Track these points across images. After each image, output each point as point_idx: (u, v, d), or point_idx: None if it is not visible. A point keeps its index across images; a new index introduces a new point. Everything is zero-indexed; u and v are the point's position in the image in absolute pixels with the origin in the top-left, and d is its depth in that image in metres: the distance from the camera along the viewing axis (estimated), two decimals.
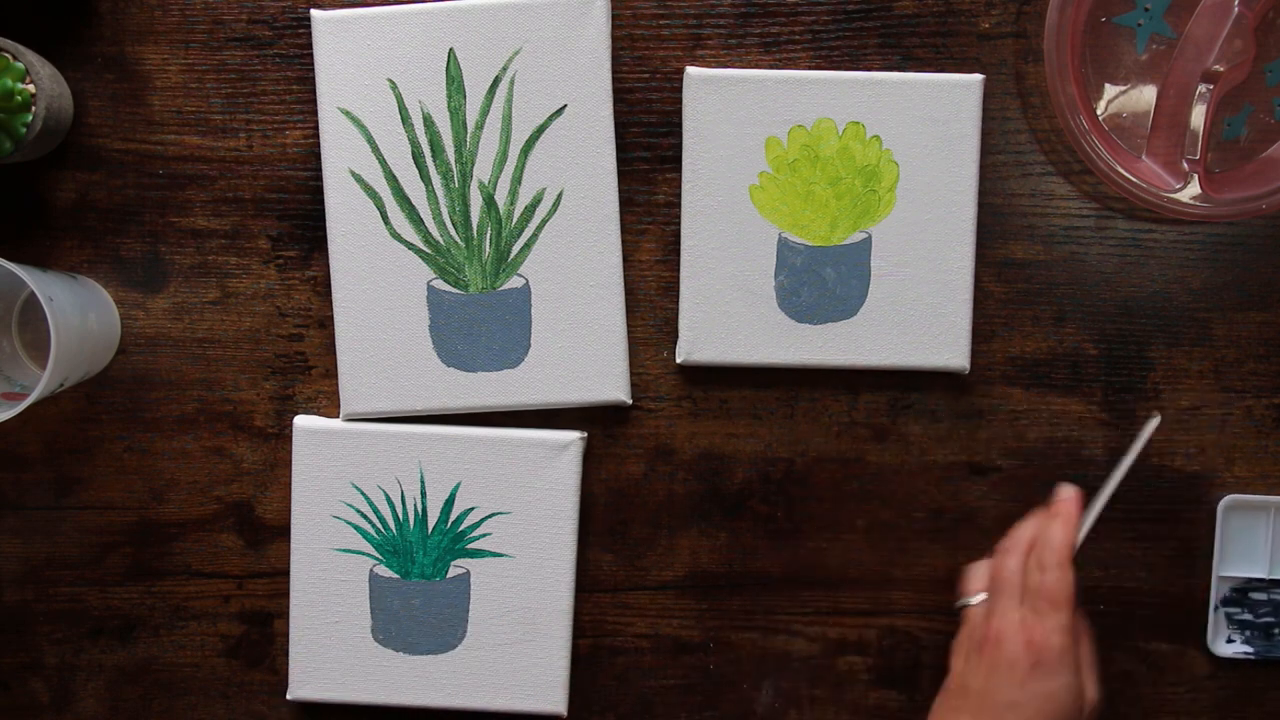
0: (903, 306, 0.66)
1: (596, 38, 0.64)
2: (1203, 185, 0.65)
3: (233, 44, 0.66)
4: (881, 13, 0.66)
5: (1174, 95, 0.65)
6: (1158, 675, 0.69)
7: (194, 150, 0.67)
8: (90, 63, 0.66)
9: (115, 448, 0.69)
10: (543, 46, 0.64)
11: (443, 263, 0.66)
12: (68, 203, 0.67)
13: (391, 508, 0.67)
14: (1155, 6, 0.65)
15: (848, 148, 0.65)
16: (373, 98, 0.65)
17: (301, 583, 0.68)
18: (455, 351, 0.66)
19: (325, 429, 0.67)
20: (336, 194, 0.65)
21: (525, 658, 0.67)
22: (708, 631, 0.69)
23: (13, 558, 0.69)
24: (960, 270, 0.66)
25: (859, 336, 0.66)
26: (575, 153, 0.65)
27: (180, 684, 0.70)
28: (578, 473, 0.67)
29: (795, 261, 0.66)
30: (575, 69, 0.65)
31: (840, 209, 0.66)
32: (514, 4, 0.64)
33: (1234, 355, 0.68)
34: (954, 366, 0.67)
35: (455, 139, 0.65)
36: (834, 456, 0.68)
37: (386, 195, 0.65)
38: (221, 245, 0.68)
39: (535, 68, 0.65)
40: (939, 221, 0.66)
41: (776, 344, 0.66)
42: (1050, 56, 0.63)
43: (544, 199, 0.65)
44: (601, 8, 0.64)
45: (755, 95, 0.65)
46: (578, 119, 0.65)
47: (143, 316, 0.68)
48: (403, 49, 0.64)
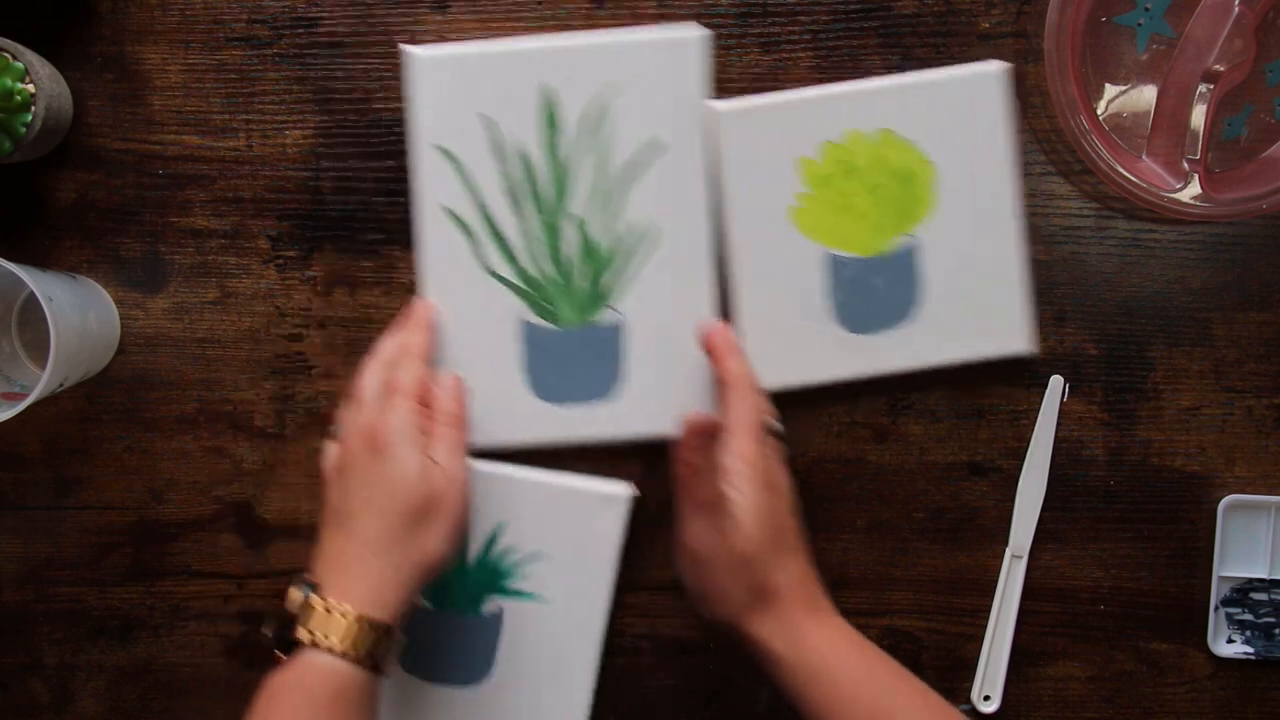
0: (957, 302, 0.66)
1: (693, 77, 0.64)
2: (1203, 185, 0.64)
3: (233, 44, 0.66)
4: (881, 13, 0.66)
5: (1174, 95, 0.65)
6: (1158, 675, 0.69)
7: (194, 150, 0.67)
8: (90, 63, 0.66)
9: (115, 448, 0.69)
10: (641, 85, 0.64)
11: (536, 297, 0.66)
12: (68, 203, 0.67)
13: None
14: (1155, 6, 0.65)
15: (881, 155, 0.65)
16: (468, 134, 0.65)
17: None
18: (547, 385, 0.66)
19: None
20: (430, 229, 0.65)
21: (547, 700, 0.67)
22: (708, 631, 0.69)
23: (13, 558, 0.69)
24: (1009, 256, 0.66)
25: (918, 339, 0.66)
26: (670, 190, 0.65)
27: (180, 684, 0.70)
28: (622, 527, 0.66)
29: (845, 275, 0.66)
30: (672, 108, 0.65)
31: (882, 216, 0.65)
32: (613, 43, 0.64)
33: (1234, 355, 0.68)
34: (1018, 351, 0.66)
35: (551, 175, 0.65)
36: (834, 456, 0.68)
37: (481, 230, 0.65)
38: (221, 245, 0.68)
39: (633, 106, 0.65)
40: (982, 212, 0.65)
41: (838, 359, 0.66)
42: (1050, 56, 0.63)
43: (638, 235, 0.65)
44: (699, 48, 0.64)
45: (784, 119, 0.65)
46: (674, 157, 0.65)
47: (143, 316, 0.68)
48: (500, 86, 0.64)
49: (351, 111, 0.67)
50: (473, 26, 0.66)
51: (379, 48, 0.66)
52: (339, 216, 0.67)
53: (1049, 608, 0.69)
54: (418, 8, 0.66)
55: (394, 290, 0.68)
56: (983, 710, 0.69)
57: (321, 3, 0.66)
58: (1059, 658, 0.69)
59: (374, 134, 0.67)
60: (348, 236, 0.67)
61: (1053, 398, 0.68)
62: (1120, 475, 0.69)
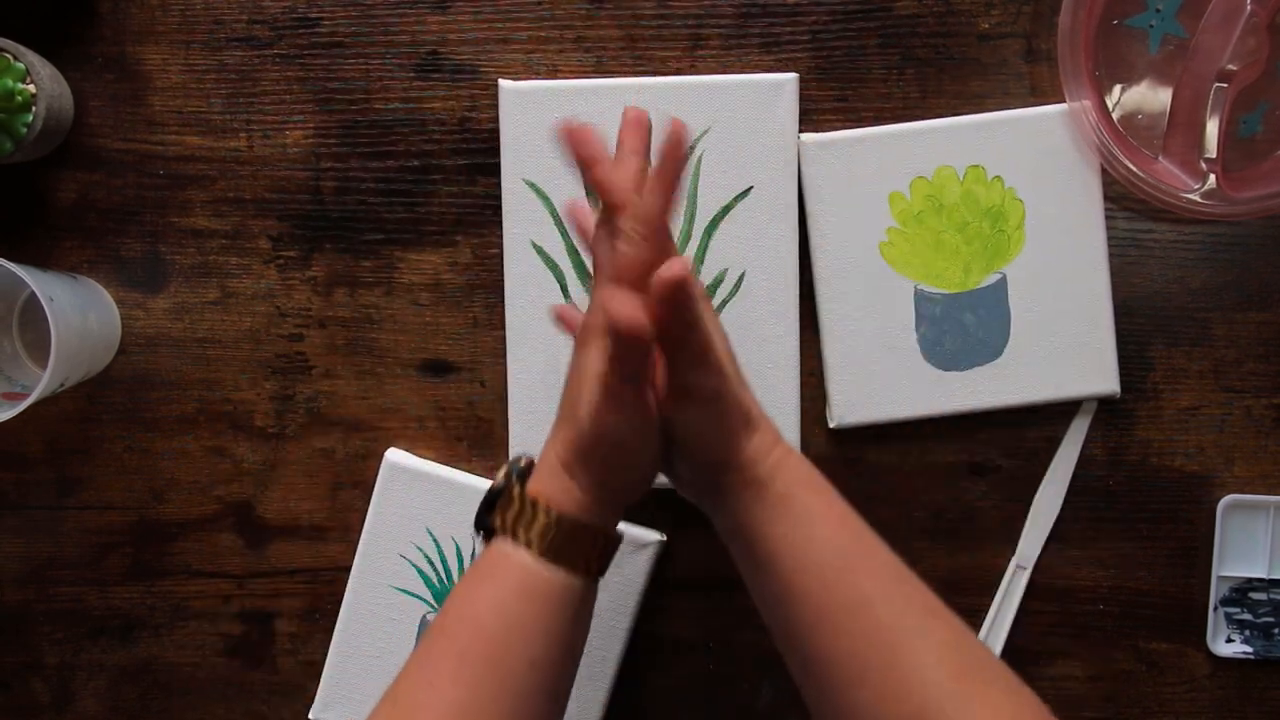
0: (1046, 340, 0.66)
1: (785, 119, 0.65)
2: (1221, 184, 0.64)
3: (233, 44, 0.66)
4: (881, 13, 0.66)
5: (1189, 95, 0.65)
6: (1158, 675, 0.70)
7: (194, 150, 0.67)
8: (90, 63, 0.66)
9: (115, 448, 0.69)
10: (732, 126, 0.65)
11: None
12: (68, 203, 0.67)
13: (460, 559, 0.67)
14: (1166, 7, 0.65)
15: (971, 192, 0.65)
16: (558, 170, 0.65)
17: (352, 611, 0.67)
18: None
19: (414, 469, 0.67)
20: (517, 264, 0.66)
21: None
22: (708, 631, 0.69)
23: (13, 558, 0.69)
24: (1099, 295, 0.66)
25: (1006, 377, 0.66)
26: (759, 233, 0.65)
27: (180, 684, 0.70)
28: (647, 572, 0.67)
29: (934, 311, 0.66)
30: (763, 150, 0.65)
31: (971, 253, 0.66)
32: (705, 84, 0.65)
33: (1234, 355, 0.68)
34: (1105, 392, 0.66)
35: None
36: (834, 456, 0.68)
37: (568, 268, 0.66)
38: (221, 245, 0.68)
39: (723, 147, 0.65)
40: (1071, 250, 0.65)
41: (926, 396, 0.66)
42: (1064, 62, 0.63)
43: (726, 279, 0.65)
44: (791, 91, 0.64)
45: (872, 153, 0.65)
46: (763, 200, 0.65)
47: (143, 316, 0.68)
48: (590, 122, 0.64)
49: (351, 111, 0.67)
50: (473, 26, 0.66)
51: (379, 48, 0.67)
52: (339, 216, 0.67)
53: (1048, 607, 0.69)
54: (418, 8, 0.66)
55: (394, 290, 0.68)
56: None
57: (321, 3, 0.66)
58: (1059, 657, 0.69)
59: (374, 134, 0.67)
60: (348, 236, 0.67)
61: (1081, 422, 0.68)
62: (1120, 475, 0.69)
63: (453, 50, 0.67)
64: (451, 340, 0.68)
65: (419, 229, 0.68)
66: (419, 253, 0.68)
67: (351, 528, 0.68)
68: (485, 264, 0.68)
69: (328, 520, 0.69)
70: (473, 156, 0.67)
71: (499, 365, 0.68)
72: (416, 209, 0.67)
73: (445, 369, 0.68)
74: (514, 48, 0.67)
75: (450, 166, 0.67)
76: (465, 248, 0.68)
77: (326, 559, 0.69)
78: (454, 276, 0.68)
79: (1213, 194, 0.64)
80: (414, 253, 0.68)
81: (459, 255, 0.68)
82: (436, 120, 0.67)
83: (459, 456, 0.68)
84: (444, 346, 0.68)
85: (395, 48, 0.67)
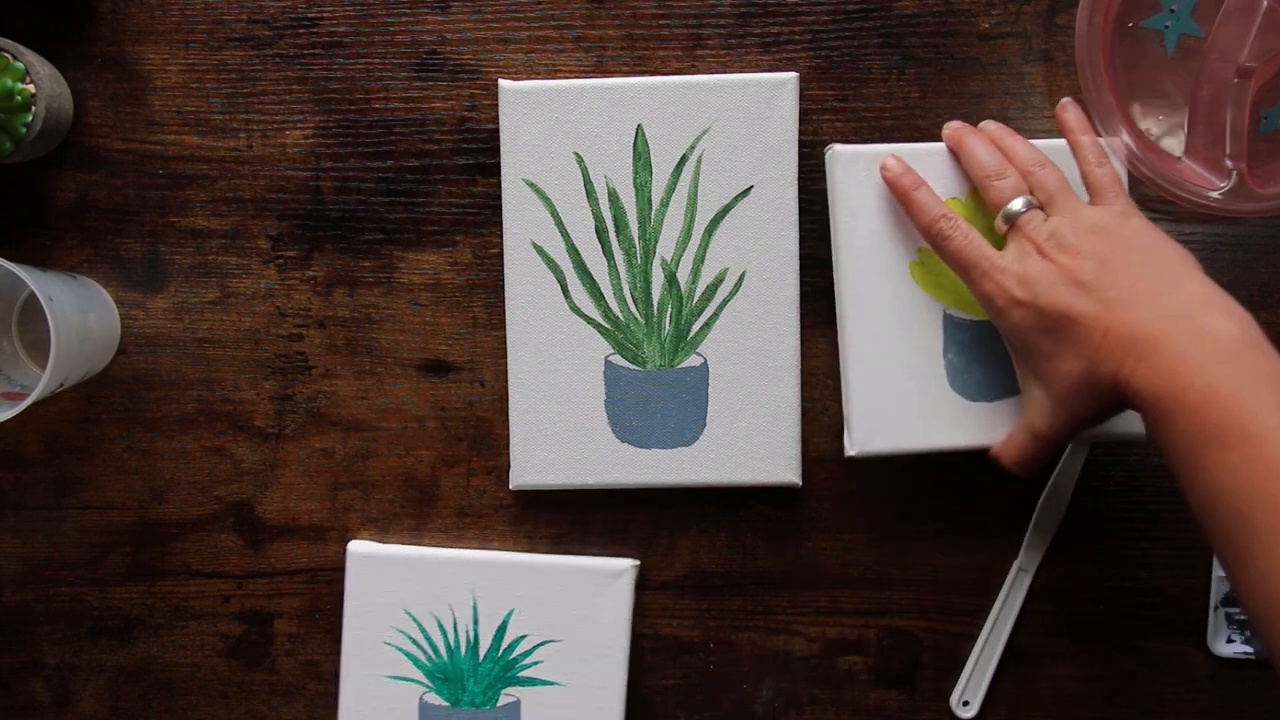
0: None
1: (785, 120, 0.64)
2: (1246, 181, 0.64)
3: (233, 44, 0.66)
4: (881, 13, 0.66)
5: (1208, 94, 0.64)
6: (1158, 675, 0.69)
7: (194, 150, 0.67)
8: (90, 63, 0.67)
9: (115, 448, 0.69)
10: (732, 126, 0.64)
11: (621, 338, 0.66)
12: (68, 203, 0.67)
13: (444, 635, 0.66)
14: (1181, 7, 0.65)
15: None
16: (558, 170, 0.65)
17: (350, 710, 0.67)
18: (630, 427, 0.66)
19: (379, 555, 0.67)
20: (517, 264, 0.65)
21: None
22: (708, 631, 0.69)
23: (13, 558, 0.69)
24: None
25: None
26: (759, 234, 0.65)
27: (180, 684, 0.70)
28: (629, 601, 0.66)
29: (963, 338, 0.64)
30: (763, 150, 0.65)
31: None
32: (705, 83, 0.64)
33: None
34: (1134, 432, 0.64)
35: (640, 215, 0.65)
36: (834, 456, 0.68)
37: (568, 268, 0.65)
38: (221, 245, 0.68)
39: (723, 147, 0.65)
40: None
41: (952, 426, 0.64)
42: (1083, 67, 0.62)
43: (726, 279, 0.65)
44: (792, 90, 0.64)
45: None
46: (763, 200, 0.65)
47: (143, 316, 0.68)
48: (590, 123, 0.64)
49: (351, 111, 0.67)
50: (473, 26, 0.66)
51: (379, 48, 0.67)
52: (339, 216, 0.67)
53: (1048, 607, 0.69)
54: (418, 8, 0.66)
55: (394, 290, 0.68)
56: (960, 715, 0.69)
57: (321, 3, 0.66)
58: (1059, 658, 0.69)
59: (374, 134, 0.67)
60: (348, 236, 0.68)
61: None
62: (1119, 475, 0.69)
63: (452, 50, 0.67)
64: (451, 340, 0.68)
65: (419, 229, 0.68)
66: (419, 253, 0.68)
67: (351, 528, 0.68)
68: (485, 264, 0.68)
69: (327, 520, 0.69)
70: (473, 156, 0.67)
71: (499, 365, 0.68)
72: (416, 209, 0.67)
73: (445, 369, 0.68)
74: (514, 48, 0.67)
75: (450, 166, 0.67)
76: (465, 248, 0.68)
77: (326, 559, 0.69)
78: (454, 276, 0.68)
79: (1238, 191, 0.64)
80: (414, 253, 0.68)
81: (459, 255, 0.68)
82: (436, 120, 0.67)
83: (459, 456, 0.68)
84: (444, 346, 0.68)
85: (395, 47, 0.67)
